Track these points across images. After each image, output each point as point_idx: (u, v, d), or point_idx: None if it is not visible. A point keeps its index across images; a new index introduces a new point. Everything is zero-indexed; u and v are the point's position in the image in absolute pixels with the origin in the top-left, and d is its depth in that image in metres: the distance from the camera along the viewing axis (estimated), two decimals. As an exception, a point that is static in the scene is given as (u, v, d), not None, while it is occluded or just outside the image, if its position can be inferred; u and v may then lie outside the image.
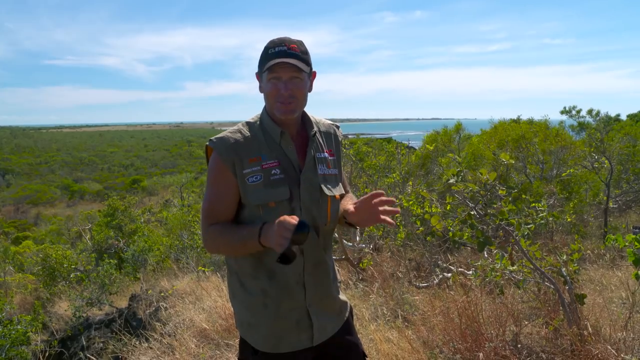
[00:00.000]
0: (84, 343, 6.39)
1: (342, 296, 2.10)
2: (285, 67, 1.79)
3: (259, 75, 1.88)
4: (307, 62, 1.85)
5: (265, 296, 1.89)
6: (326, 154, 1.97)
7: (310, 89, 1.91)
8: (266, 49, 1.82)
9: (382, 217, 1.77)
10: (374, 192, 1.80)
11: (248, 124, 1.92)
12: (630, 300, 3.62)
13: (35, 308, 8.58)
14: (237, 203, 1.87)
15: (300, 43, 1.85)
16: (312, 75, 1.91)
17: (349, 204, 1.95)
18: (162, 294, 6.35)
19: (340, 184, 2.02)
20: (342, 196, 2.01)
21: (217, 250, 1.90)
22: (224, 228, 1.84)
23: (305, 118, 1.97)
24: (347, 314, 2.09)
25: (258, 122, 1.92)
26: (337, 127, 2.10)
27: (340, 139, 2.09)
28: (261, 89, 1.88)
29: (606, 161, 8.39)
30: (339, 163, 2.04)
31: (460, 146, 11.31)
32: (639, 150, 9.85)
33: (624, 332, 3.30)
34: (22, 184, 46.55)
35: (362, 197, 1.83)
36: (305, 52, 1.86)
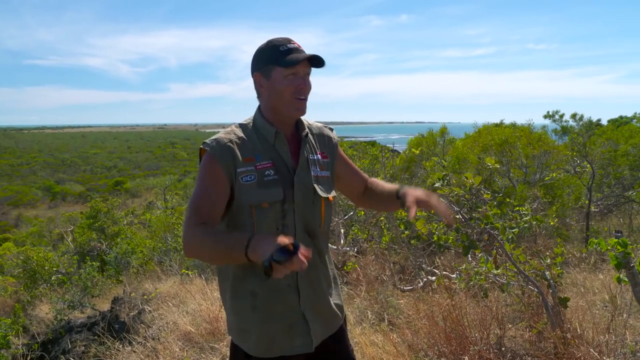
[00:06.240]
0: (66, 346, 6.30)
1: (339, 301, 2.06)
2: (304, 64, 1.79)
3: (261, 73, 1.83)
4: None
5: (254, 299, 1.83)
6: (319, 156, 1.96)
7: None
8: (274, 46, 1.78)
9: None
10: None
11: (241, 125, 1.88)
12: (612, 303, 3.66)
13: (15, 311, 8.45)
14: (225, 204, 1.77)
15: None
16: None
17: (407, 190, 1.97)
18: (145, 297, 6.29)
19: (333, 187, 2.02)
20: (334, 198, 2.01)
21: (197, 254, 1.71)
22: (211, 231, 1.67)
23: (298, 119, 1.93)
24: (341, 321, 2.06)
25: (251, 124, 1.89)
26: (331, 129, 2.08)
27: (335, 141, 2.07)
28: (261, 88, 1.85)
29: (588, 165, 8.49)
30: (331, 165, 2.02)
31: (444, 150, 11.38)
32: (620, 155, 10.00)
33: (607, 335, 3.33)
34: (3, 185, 45.83)
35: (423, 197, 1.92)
36: None
